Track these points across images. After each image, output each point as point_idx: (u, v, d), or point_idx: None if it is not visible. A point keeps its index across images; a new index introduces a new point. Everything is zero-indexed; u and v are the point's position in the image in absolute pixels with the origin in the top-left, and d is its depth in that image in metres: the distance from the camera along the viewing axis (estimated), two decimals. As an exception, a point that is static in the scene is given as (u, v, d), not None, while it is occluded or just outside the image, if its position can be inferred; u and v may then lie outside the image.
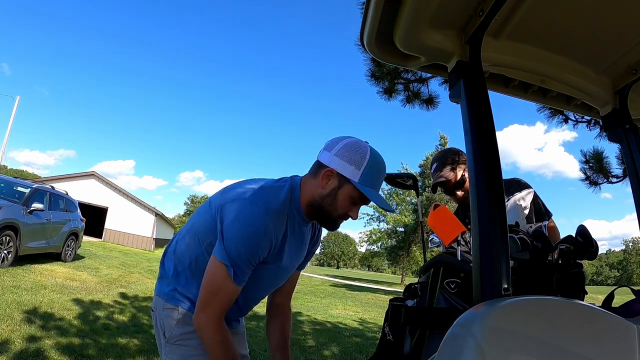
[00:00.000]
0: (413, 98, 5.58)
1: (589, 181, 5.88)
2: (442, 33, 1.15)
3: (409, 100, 5.61)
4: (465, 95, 1.05)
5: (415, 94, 5.55)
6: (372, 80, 5.44)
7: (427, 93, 5.54)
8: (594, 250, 1.61)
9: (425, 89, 5.55)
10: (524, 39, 1.28)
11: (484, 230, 0.86)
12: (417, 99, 5.60)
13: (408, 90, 5.55)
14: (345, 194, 1.20)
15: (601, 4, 1.13)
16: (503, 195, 0.91)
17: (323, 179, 1.22)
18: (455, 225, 1.45)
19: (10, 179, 8.76)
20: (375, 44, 1.20)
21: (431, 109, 5.61)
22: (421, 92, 5.57)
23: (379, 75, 5.35)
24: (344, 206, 1.23)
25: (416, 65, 1.28)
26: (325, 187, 1.22)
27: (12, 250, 7.10)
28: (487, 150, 0.95)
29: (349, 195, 1.20)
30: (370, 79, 5.42)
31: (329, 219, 1.28)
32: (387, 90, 5.51)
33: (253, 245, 1.19)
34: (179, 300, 1.34)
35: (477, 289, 0.83)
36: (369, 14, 1.11)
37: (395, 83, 5.45)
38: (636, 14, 1.14)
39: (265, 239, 1.21)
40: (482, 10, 1.09)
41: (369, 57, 5.12)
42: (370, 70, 5.35)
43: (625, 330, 0.70)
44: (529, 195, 2.00)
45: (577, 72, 1.41)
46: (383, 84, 5.44)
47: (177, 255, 1.38)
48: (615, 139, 1.50)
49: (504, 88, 1.48)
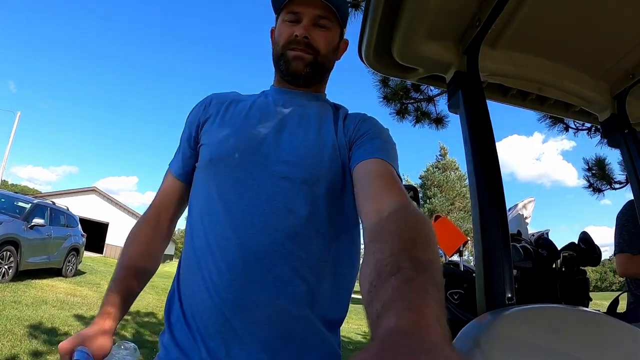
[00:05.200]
0: (422, 118, 5.73)
1: (592, 188, 5.89)
2: (439, 44, 1.16)
3: (418, 121, 5.77)
4: (463, 106, 1.05)
5: (424, 114, 5.71)
6: (384, 102, 5.61)
7: (435, 113, 5.70)
8: (597, 256, 1.60)
9: (434, 108, 5.70)
10: (521, 48, 1.29)
11: (486, 240, 0.86)
12: (427, 119, 5.74)
13: (418, 110, 5.71)
14: (279, 24, 1.03)
15: (596, 11, 1.14)
16: (504, 205, 0.91)
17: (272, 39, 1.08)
18: (457, 236, 1.45)
19: (11, 194, 8.78)
20: (373, 57, 1.21)
21: (440, 129, 5.75)
22: (430, 112, 5.74)
23: (390, 97, 5.52)
24: (282, 33, 1.00)
25: (415, 76, 1.29)
26: (273, 41, 1.07)
27: (12, 266, 7.06)
28: (487, 159, 0.95)
29: (280, 21, 1.03)
30: (382, 100, 5.59)
31: (281, 58, 1.00)
32: (399, 112, 5.69)
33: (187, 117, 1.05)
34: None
35: (481, 299, 0.83)
36: (366, 27, 1.13)
37: (404, 103, 5.60)
38: (631, 19, 1.15)
39: (196, 107, 1.05)
40: (479, 20, 1.10)
41: (378, 79, 5.30)
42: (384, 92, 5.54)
43: (631, 335, 0.70)
44: (531, 204, 2.00)
45: (575, 78, 1.41)
46: (395, 105, 5.61)
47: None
48: (615, 144, 1.50)
49: (502, 97, 1.49)
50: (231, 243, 0.82)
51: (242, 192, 0.86)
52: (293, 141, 0.92)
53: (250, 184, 0.86)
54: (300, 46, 0.97)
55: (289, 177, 0.87)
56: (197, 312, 0.83)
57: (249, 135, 0.92)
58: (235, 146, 0.91)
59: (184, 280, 0.90)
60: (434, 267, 0.48)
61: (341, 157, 0.92)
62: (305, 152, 0.90)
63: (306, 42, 0.97)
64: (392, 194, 0.73)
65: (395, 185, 0.77)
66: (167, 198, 1.03)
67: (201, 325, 0.82)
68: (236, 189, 0.87)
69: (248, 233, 0.82)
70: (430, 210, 27.25)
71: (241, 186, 0.87)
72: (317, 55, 0.98)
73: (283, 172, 0.87)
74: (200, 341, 0.80)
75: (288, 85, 1.03)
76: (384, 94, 5.53)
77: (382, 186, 0.77)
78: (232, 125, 0.95)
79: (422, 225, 0.58)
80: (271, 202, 0.84)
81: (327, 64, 1.03)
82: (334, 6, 0.98)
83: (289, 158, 0.89)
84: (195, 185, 0.98)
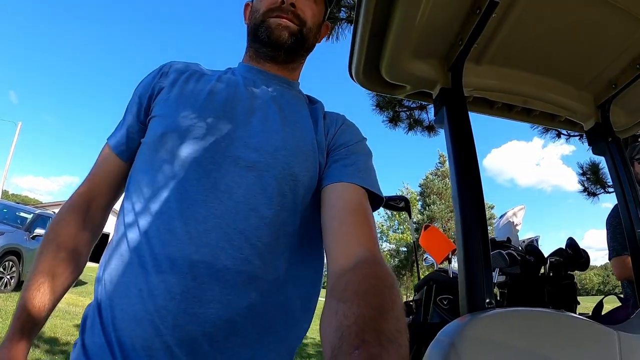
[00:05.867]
0: (415, 125, 5.87)
1: (587, 192, 5.96)
2: (425, 62, 1.22)
3: (411, 128, 5.92)
4: (448, 121, 1.11)
5: (416, 121, 5.85)
6: (376, 110, 5.75)
7: (427, 120, 5.82)
8: (585, 261, 1.64)
9: (426, 115, 5.83)
10: (505, 63, 1.32)
11: (467, 248, 0.92)
12: (419, 126, 5.89)
13: (410, 118, 5.85)
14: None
15: (576, 24, 1.17)
16: (485, 214, 0.97)
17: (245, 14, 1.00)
18: (445, 244, 1.50)
19: (13, 204, 8.83)
20: (362, 75, 1.26)
21: (433, 136, 5.90)
22: (422, 120, 5.88)
23: (383, 105, 5.66)
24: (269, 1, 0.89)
25: (402, 93, 1.34)
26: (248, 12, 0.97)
27: (14, 276, 7.12)
28: (469, 172, 1.01)
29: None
30: (375, 108, 5.74)
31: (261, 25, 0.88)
32: (391, 119, 5.84)
33: (138, 84, 0.89)
34: None
35: (463, 302, 0.88)
36: (355, 47, 1.18)
37: (397, 111, 5.73)
38: (611, 31, 1.19)
39: (150, 74, 0.89)
40: (462, 39, 1.15)
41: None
42: (376, 100, 5.67)
43: (604, 336, 0.75)
44: (521, 211, 2.06)
45: (559, 90, 1.44)
46: (387, 113, 5.77)
47: None
48: (600, 152, 1.52)
49: (489, 110, 1.54)
50: (178, 238, 0.67)
51: (198, 177, 0.71)
52: (266, 128, 0.79)
53: (208, 169, 0.72)
54: (286, 14, 0.86)
55: (255, 167, 0.73)
56: (122, 319, 0.66)
57: (212, 112, 0.79)
58: (194, 122, 0.76)
59: (108, 280, 0.71)
60: (400, 339, 0.44)
61: (319, 160, 0.81)
62: (280, 142, 0.77)
63: (293, 11, 0.87)
64: (363, 238, 0.66)
65: (367, 226, 0.69)
66: (104, 180, 0.85)
67: (124, 336, 0.65)
68: (191, 173, 0.72)
69: (199, 230, 0.67)
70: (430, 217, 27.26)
71: (197, 170, 0.72)
72: (303, 26, 0.89)
73: (250, 161, 0.74)
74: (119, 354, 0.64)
75: (262, 62, 0.92)
76: (376, 102, 5.67)
77: (354, 225, 0.68)
78: (192, 99, 0.81)
79: (389, 290, 0.54)
80: (230, 195, 0.71)
81: (311, 40, 0.93)
82: None
83: (259, 146, 0.76)
84: (137, 162, 0.81)
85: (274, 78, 0.91)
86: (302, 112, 0.87)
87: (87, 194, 0.84)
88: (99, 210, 0.85)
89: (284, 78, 0.93)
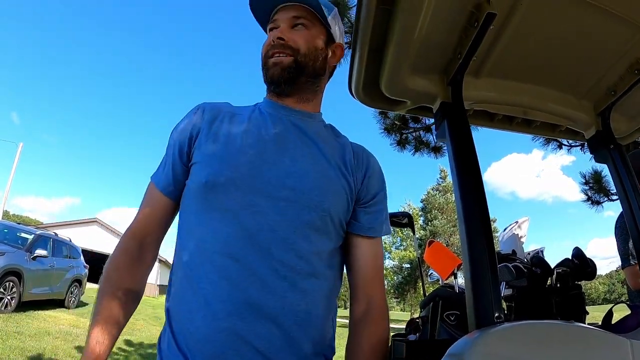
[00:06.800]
0: (421, 147, 5.95)
1: (591, 201, 5.92)
2: (424, 77, 1.22)
3: (417, 149, 5.97)
4: (449, 135, 1.10)
5: (422, 143, 5.91)
6: (384, 133, 5.85)
7: (434, 141, 5.91)
8: (591, 270, 1.62)
9: (432, 137, 5.89)
10: (504, 75, 1.33)
11: (474, 262, 0.91)
12: (425, 147, 5.95)
13: (417, 139, 5.94)
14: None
15: (573, 34, 1.18)
16: (490, 228, 0.96)
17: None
18: (450, 259, 1.49)
19: (14, 225, 8.83)
20: (362, 92, 1.27)
21: (439, 157, 5.95)
22: (429, 142, 5.93)
23: (390, 129, 5.75)
24: (264, 44, 0.99)
25: (403, 108, 1.34)
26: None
27: (15, 296, 7.05)
28: (472, 185, 1.00)
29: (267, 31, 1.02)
30: (383, 132, 5.84)
31: (263, 68, 0.98)
32: (399, 142, 5.94)
33: (176, 127, 0.98)
34: None
35: (471, 317, 0.87)
36: (354, 64, 1.19)
37: (404, 133, 5.83)
38: (608, 38, 1.19)
39: (187, 117, 0.98)
40: (460, 54, 1.16)
41: (377, 111, 5.51)
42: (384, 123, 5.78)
43: (616, 345, 0.73)
44: (525, 223, 2.04)
45: (558, 99, 1.44)
46: (395, 136, 5.85)
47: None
48: (602, 160, 1.48)
49: (489, 122, 1.54)
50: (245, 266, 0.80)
51: (247, 218, 0.83)
52: (298, 167, 0.89)
53: (253, 210, 0.83)
54: (277, 49, 0.93)
55: (293, 204, 0.85)
56: (193, 340, 0.79)
57: (249, 157, 0.88)
58: (235, 169, 0.86)
59: (175, 311, 0.85)
60: None
61: (348, 198, 0.93)
62: (312, 183, 0.88)
63: (282, 44, 0.93)
64: (378, 288, 0.97)
65: (381, 277, 1.00)
66: (155, 220, 0.94)
67: (197, 353, 0.78)
68: (242, 216, 0.83)
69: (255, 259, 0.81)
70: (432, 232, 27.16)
71: (246, 212, 0.83)
72: (297, 54, 0.93)
73: (287, 199, 0.84)
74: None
75: (276, 97, 0.99)
76: (384, 125, 5.76)
77: (375, 277, 0.97)
78: (229, 144, 0.90)
79: (385, 343, 0.96)
80: (273, 232, 0.82)
81: (312, 65, 0.97)
82: (309, 5, 0.95)
83: (294, 185, 0.86)
84: (186, 204, 0.91)
85: (297, 113, 0.98)
86: (330, 145, 0.97)
87: (140, 233, 0.93)
88: (151, 246, 0.94)
89: (304, 112, 0.99)
